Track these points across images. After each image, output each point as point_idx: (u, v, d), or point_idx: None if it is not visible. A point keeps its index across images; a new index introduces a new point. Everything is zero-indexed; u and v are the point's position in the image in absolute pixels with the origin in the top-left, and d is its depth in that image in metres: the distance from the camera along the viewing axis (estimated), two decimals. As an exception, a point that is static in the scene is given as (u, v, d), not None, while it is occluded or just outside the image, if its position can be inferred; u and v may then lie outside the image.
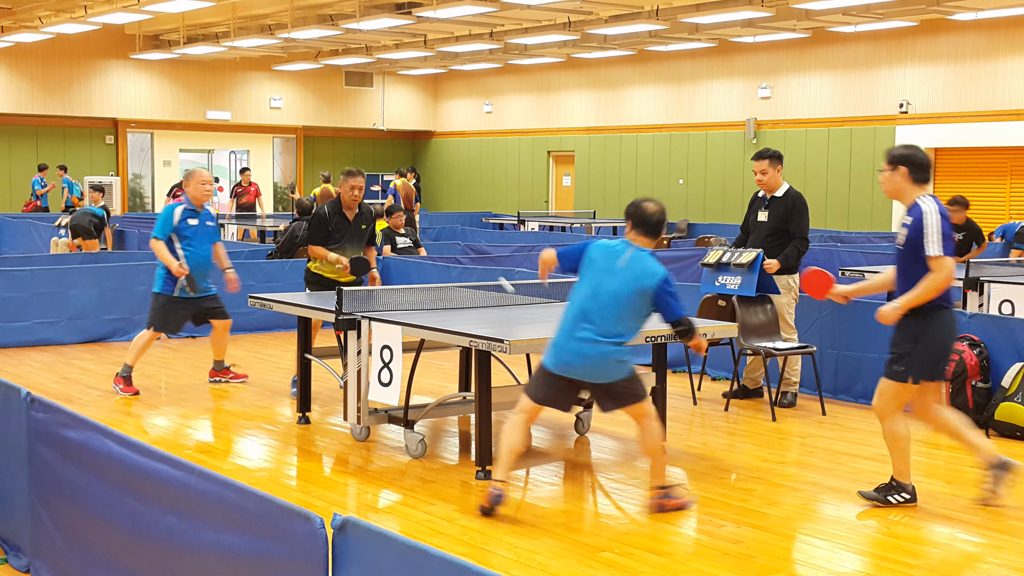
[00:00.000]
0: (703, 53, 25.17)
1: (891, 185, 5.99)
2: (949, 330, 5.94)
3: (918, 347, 5.85)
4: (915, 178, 5.92)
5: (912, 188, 5.92)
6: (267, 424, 8.07)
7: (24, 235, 19.40)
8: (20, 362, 10.36)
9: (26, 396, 4.89)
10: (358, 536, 3.27)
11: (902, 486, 6.08)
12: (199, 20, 23.37)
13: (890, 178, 5.97)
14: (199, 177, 8.92)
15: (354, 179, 8.61)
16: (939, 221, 5.76)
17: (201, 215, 8.96)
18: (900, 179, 5.93)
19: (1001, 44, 20.55)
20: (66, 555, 4.67)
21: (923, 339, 5.84)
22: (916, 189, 5.93)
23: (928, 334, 5.84)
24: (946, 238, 5.75)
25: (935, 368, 5.92)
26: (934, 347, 5.87)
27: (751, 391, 8.97)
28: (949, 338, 5.96)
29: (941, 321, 5.87)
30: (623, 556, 5.27)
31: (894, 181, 5.96)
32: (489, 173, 31.04)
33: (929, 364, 5.88)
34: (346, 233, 8.73)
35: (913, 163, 5.91)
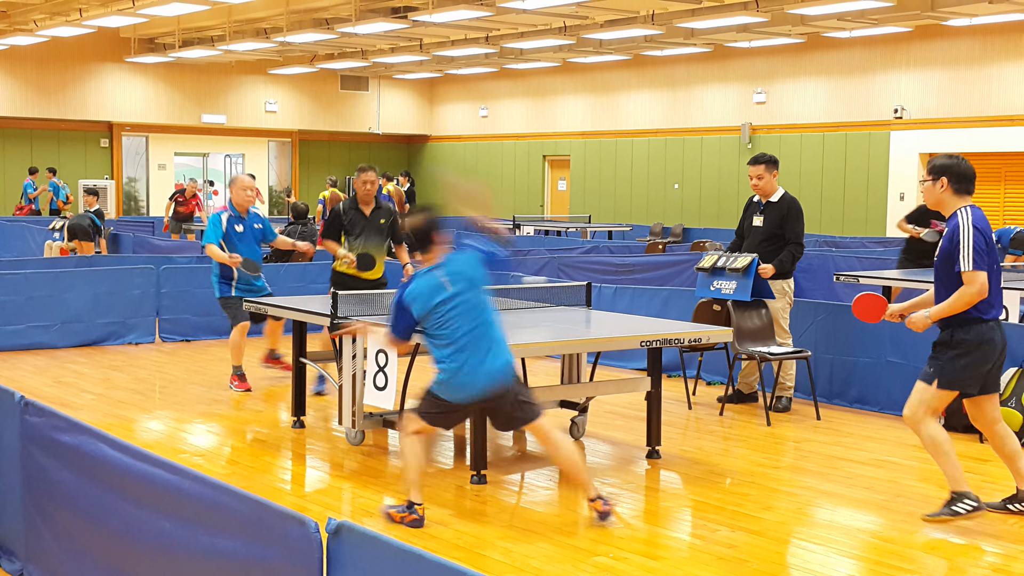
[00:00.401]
0: (699, 58, 25.21)
1: (932, 196, 5.92)
2: (987, 344, 5.78)
3: (950, 355, 5.78)
4: (956, 189, 5.84)
5: (953, 199, 5.85)
6: (262, 428, 8.06)
7: (18, 238, 19.36)
8: (14, 366, 10.34)
9: (20, 400, 4.88)
10: (353, 540, 3.27)
11: (963, 494, 5.80)
12: (194, 24, 23.36)
13: (931, 189, 5.90)
14: (240, 183, 9.23)
15: (365, 174, 8.91)
16: (973, 234, 5.68)
17: (246, 220, 9.20)
18: (941, 190, 5.86)
19: (995, 50, 20.61)
20: (60, 559, 4.66)
21: (956, 348, 5.77)
22: (957, 200, 5.85)
23: (963, 345, 5.76)
24: (978, 252, 5.66)
25: (964, 379, 5.79)
26: (968, 359, 5.75)
27: (746, 395, 8.98)
28: (988, 351, 5.79)
29: (978, 334, 5.75)
30: (618, 560, 5.26)
31: (935, 193, 5.89)
32: (485, 177, 31.03)
33: (959, 371, 5.76)
34: (364, 228, 8.92)
35: (954, 174, 5.83)
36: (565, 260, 14.65)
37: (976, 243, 5.68)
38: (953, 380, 5.79)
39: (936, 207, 5.98)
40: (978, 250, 5.67)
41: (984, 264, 5.69)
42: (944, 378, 5.80)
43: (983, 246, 5.69)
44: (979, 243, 5.68)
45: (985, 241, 5.71)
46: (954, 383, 5.80)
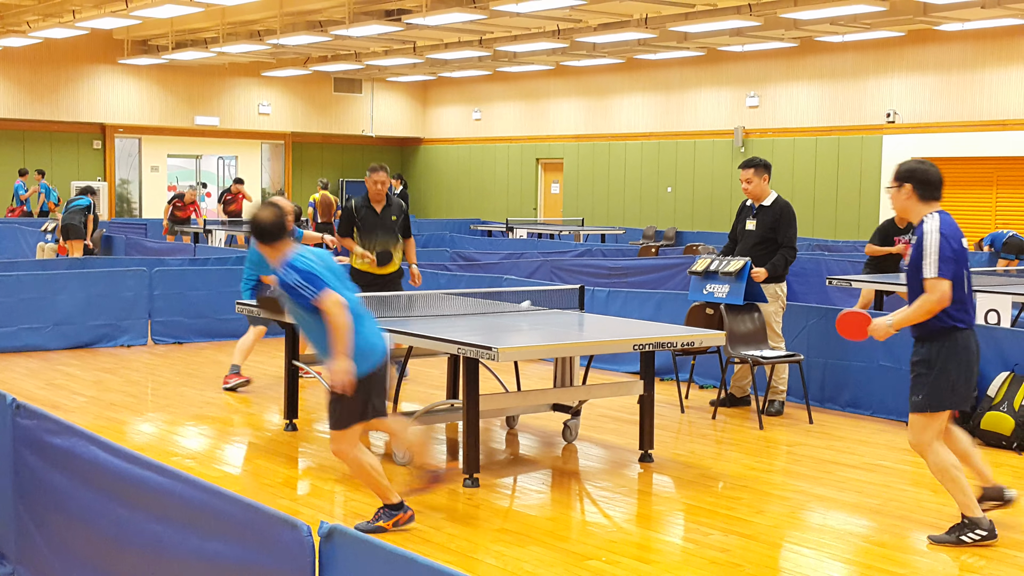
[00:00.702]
0: (692, 62, 25.24)
1: (898, 203, 5.74)
2: (964, 353, 5.60)
3: (933, 373, 5.55)
4: (922, 195, 5.64)
5: (919, 206, 5.66)
6: (254, 431, 8.05)
7: (10, 240, 19.32)
8: (5, 368, 10.31)
9: (12, 402, 4.87)
10: (345, 544, 3.27)
11: (975, 522, 5.59)
12: (188, 26, 23.33)
13: (897, 195, 5.72)
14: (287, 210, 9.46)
15: (376, 174, 9.27)
16: (939, 241, 5.49)
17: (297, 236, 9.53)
18: (906, 196, 5.67)
19: (988, 54, 20.67)
20: (51, 562, 4.64)
21: (937, 364, 5.55)
22: (924, 207, 5.65)
23: (942, 359, 5.55)
24: (943, 259, 5.46)
25: (955, 394, 5.59)
26: (949, 372, 5.55)
27: (738, 399, 8.99)
28: (964, 361, 5.60)
29: (955, 344, 5.57)
30: (610, 564, 5.26)
31: (901, 199, 5.70)
32: (478, 180, 31.06)
33: (947, 390, 5.56)
34: (376, 225, 9.32)
35: (919, 180, 5.64)
36: (558, 263, 14.65)
37: (942, 250, 5.49)
38: (945, 400, 5.58)
39: (903, 214, 5.82)
40: (943, 257, 5.48)
41: (948, 272, 5.49)
42: (939, 400, 5.57)
43: (949, 253, 5.50)
44: (945, 250, 5.50)
45: (952, 248, 5.52)
46: (946, 403, 5.58)
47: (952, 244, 5.53)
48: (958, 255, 5.55)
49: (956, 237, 5.59)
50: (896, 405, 8.48)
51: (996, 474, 7.03)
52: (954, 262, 5.51)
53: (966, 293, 5.62)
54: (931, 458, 5.62)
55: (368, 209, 9.36)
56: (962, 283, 5.59)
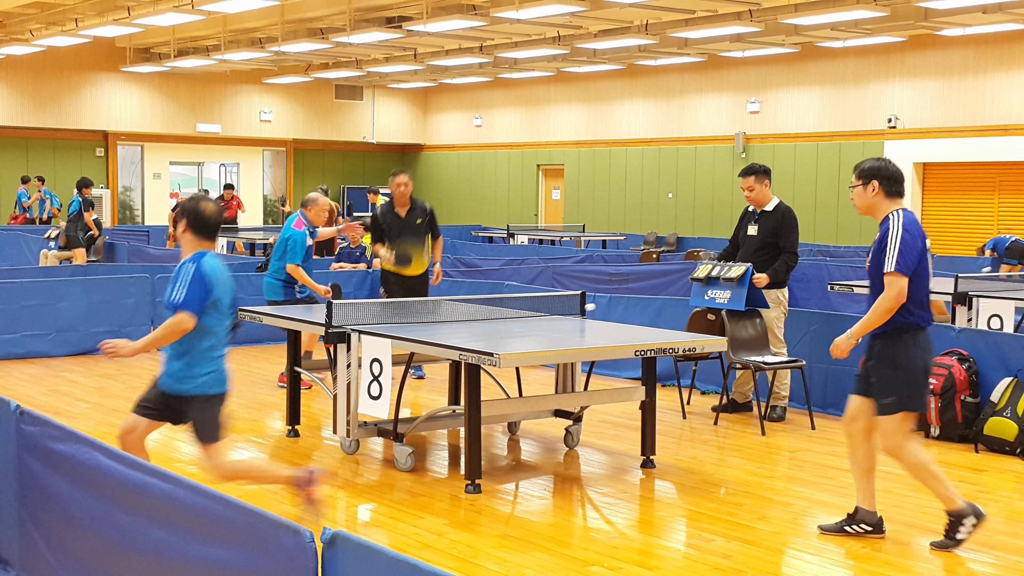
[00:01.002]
0: (692, 68, 25.27)
1: (863, 201, 5.68)
2: (927, 352, 5.58)
3: (898, 374, 5.53)
4: (888, 191, 5.63)
5: (885, 203, 5.64)
6: (256, 437, 8.05)
7: (14, 247, 19.34)
8: (8, 374, 10.32)
9: (15, 409, 4.87)
10: (347, 550, 3.27)
11: (960, 514, 5.60)
12: (190, 33, 23.37)
13: (862, 194, 5.67)
14: (322, 206, 9.65)
15: (397, 177, 9.58)
16: (902, 236, 5.46)
17: (314, 233, 9.72)
18: (872, 194, 5.64)
19: (989, 59, 20.68)
20: (54, 568, 4.65)
21: (898, 363, 5.52)
22: (889, 203, 5.63)
23: (908, 357, 5.52)
24: (904, 255, 5.43)
25: (921, 394, 5.58)
26: (917, 371, 5.54)
27: (740, 405, 8.99)
28: (926, 361, 5.59)
29: (920, 342, 5.55)
30: (612, 570, 5.26)
31: (867, 196, 5.66)
32: (479, 186, 31.08)
33: (916, 390, 5.55)
34: (401, 229, 9.62)
35: (884, 176, 5.63)
36: (559, 269, 14.66)
37: (904, 245, 5.45)
38: (915, 400, 5.55)
39: (868, 212, 5.73)
40: (904, 252, 5.44)
41: (908, 269, 5.45)
42: (908, 402, 5.54)
43: (912, 251, 5.46)
44: (908, 247, 5.46)
45: (916, 247, 5.47)
46: (916, 403, 5.56)
47: (916, 243, 5.50)
48: (922, 255, 5.52)
49: (919, 236, 5.55)
50: (898, 410, 8.47)
51: (998, 480, 7.05)
52: (915, 261, 5.48)
53: (921, 294, 5.57)
54: (907, 459, 5.61)
55: (392, 214, 9.70)
56: (924, 283, 5.59)
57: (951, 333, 8.32)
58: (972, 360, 8.03)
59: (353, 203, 31.27)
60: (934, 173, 21.90)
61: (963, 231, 21.42)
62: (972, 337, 8.21)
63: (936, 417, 7.99)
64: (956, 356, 8.06)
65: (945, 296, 9.86)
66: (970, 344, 8.16)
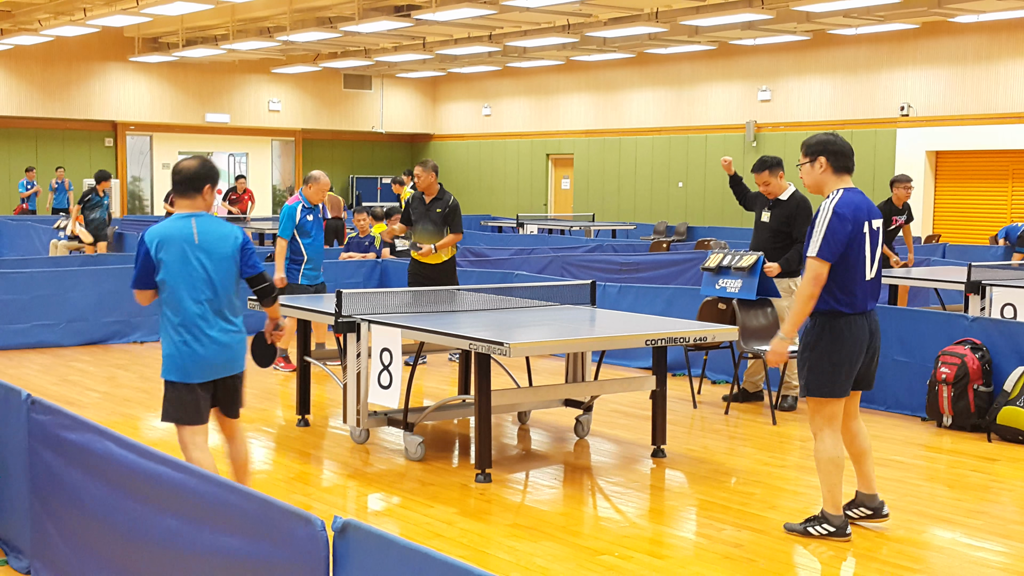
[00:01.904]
0: (703, 56, 25.18)
1: (811, 178, 5.48)
2: (849, 339, 5.37)
3: (813, 357, 5.42)
4: (835, 167, 5.44)
5: (833, 179, 5.46)
6: (266, 426, 8.06)
7: (23, 237, 19.38)
8: (19, 364, 10.34)
9: (27, 398, 4.88)
10: (359, 539, 3.26)
11: (828, 518, 5.53)
12: (198, 23, 23.36)
13: (810, 170, 5.49)
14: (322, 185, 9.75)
15: (422, 167, 9.90)
16: (829, 220, 5.27)
17: (315, 210, 9.79)
18: (820, 170, 5.46)
19: (1002, 46, 20.56)
20: (66, 556, 4.65)
21: (818, 347, 5.41)
22: (837, 180, 5.46)
23: (824, 342, 5.40)
24: (829, 240, 5.24)
25: (835, 381, 5.40)
26: (830, 356, 5.39)
27: (751, 394, 8.96)
28: (848, 347, 5.38)
29: (837, 329, 5.37)
30: (623, 559, 5.25)
31: (814, 173, 5.47)
32: (488, 176, 31.05)
33: (827, 375, 5.39)
34: (420, 216, 9.88)
35: (832, 151, 5.44)
36: (569, 259, 14.63)
37: (829, 230, 5.26)
38: (824, 386, 5.41)
39: (816, 189, 5.54)
40: (828, 238, 5.25)
41: (829, 254, 5.25)
42: (815, 386, 5.42)
43: (836, 234, 5.26)
44: (832, 230, 5.26)
45: (845, 231, 5.27)
46: (825, 389, 5.41)
47: (845, 226, 5.28)
48: (851, 240, 5.30)
49: (851, 220, 5.31)
50: (910, 400, 8.45)
51: (1011, 469, 7.03)
52: (842, 244, 5.27)
53: (859, 277, 5.37)
54: (817, 444, 5.50)
55: (419, 201, 9.98)
56: (856, 266, 5.36)
57: (964, 322, 8.28)
58: (985, 349, 7.99)
59: (362, 193, 31.27)
60: (947, 161, 21.80)
61: (976, 219, 21.33)
62: (985, 326, 8.17)
63: (949, 406, 7.96)
64: (969, 345, 8.02)
65: (958, 285, 9.82)
66: (983, 333, 8.12)
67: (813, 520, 5.59)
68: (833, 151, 5.46)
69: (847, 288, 5.36)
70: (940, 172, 21.89)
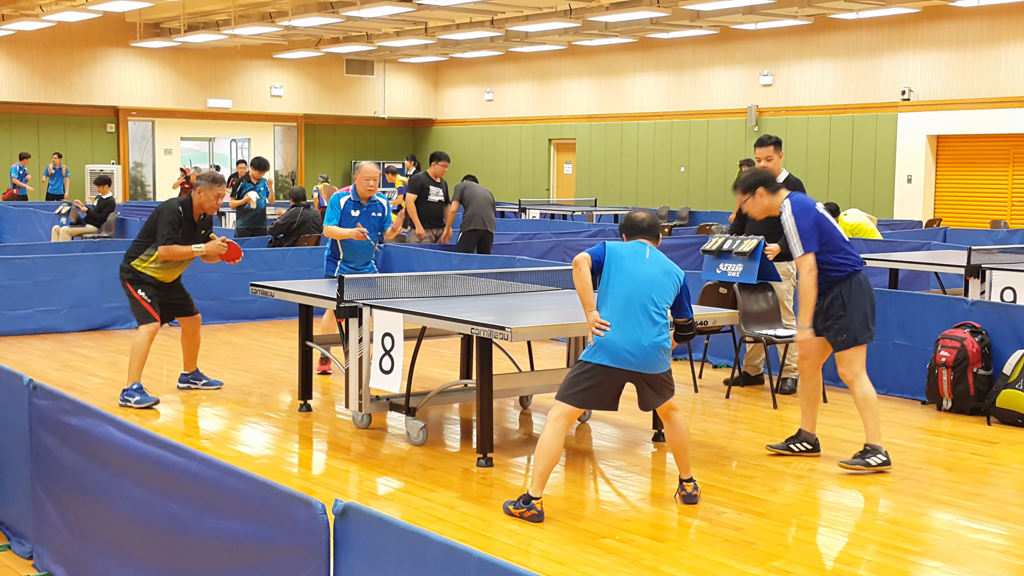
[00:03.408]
0: (704, 40, 25.13)
1: (758, 207, 6.60)
2: (868, 289, 6.44)
3: (848, 313, 6.36)
4: (771, 190, 6.56)
5: (774, 199, 6.55)
6: (268, 411, 8.08)
7: (26, 223, 19.40)
8: (21, 350, 10.37)
9: (28, 383, 4.90)
10: (359, 522, 3.28)
11: (875, 448, 6.45)
12: (200, 8, 23.33)
13: (754, 203, 6.60)
14: (364, 173, 9.10)
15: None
16: (793, 223, 6.35)
17: (364, 207, 9.06)
18: (761, 198, 6.58)
19: (1003, 31, 20.51)
20: (68, 541, 4.68)
21: (850, 304, 6.36)
22: (775, 198, 6.55)
23: (853, 298, 6.36)
24: (803, 236, 6.31)
25: (868, 327, 6.41)
26: (862, 307, 6.38)
27: (752, 378, 8.98)
28: (869, 296, 6.43)
29: (859, 283, 6.39)
30: (624, 543, 5.28)
31: (760, 204, 6.59)
32: (490, 161, 31.03)
33: (863, 324, 6.38)
34: None
35: (764, 180, 6.58)
36: (571, 244, 14.64)
37: (799, 229, 6.33)
38: (865, 333, 6.39)
39: (768, 213, 6.60)
40: (801, 235, 6.33)
41: (810, 246, 6.31)
42: (860, 335, 6.37)
43: (806, 229, 6.32)
44: (801, 228, 6.33)
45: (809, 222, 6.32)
46: (866, 335, 6.40)
47: (806, 220, 6.34)
48: (817, 222, 6.37)
49: (808, 212, 6.39)
50: (911, 384, 8.46)
51: (1011, 452, 7.06)
52: (814, 231, 6.34)
53: (842, 240, 6.46)
54: (860, 387, 6.43)
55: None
56: (835, 238, 6.43)
57: (964, 305, 8.29)
58: (985, 332, 8.00)
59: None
60: (948, 145, 21.77)
61: (977, 203, 21.32)
62: (985, 309, 8.18)
63: (948, 390, 7.98)
64: (969, 329, 8.03)
65: (958, 269, 9.82)
66: (983, 317, 8.13)
67: (864, 454, 6.45)
68: (762, 180, 6.61)
69: (843, 251, 6.45)
70: (941, 156, 21.86)
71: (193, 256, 8.17)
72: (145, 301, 8.13)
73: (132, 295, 8.16)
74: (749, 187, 6.62)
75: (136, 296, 8.14)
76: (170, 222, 8.06)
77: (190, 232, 8.16)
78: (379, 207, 9.13)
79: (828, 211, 12.19)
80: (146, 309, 8.12)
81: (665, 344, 5.65)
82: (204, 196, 8.16)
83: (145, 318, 8.13)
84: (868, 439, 6.48)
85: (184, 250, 8.09)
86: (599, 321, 5.58)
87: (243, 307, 12.18)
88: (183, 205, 8.18)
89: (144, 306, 8.13)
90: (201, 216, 8.25)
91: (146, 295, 8.12)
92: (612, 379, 5.63)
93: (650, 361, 5.60)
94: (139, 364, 8.13)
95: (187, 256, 8.14)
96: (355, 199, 9.08)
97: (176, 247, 8.06)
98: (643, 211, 6.11)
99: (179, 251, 8.08)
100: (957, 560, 5.16)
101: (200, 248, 8.15)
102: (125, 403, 8.07)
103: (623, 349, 5.54)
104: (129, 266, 8.22)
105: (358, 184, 9.08)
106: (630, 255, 5.77)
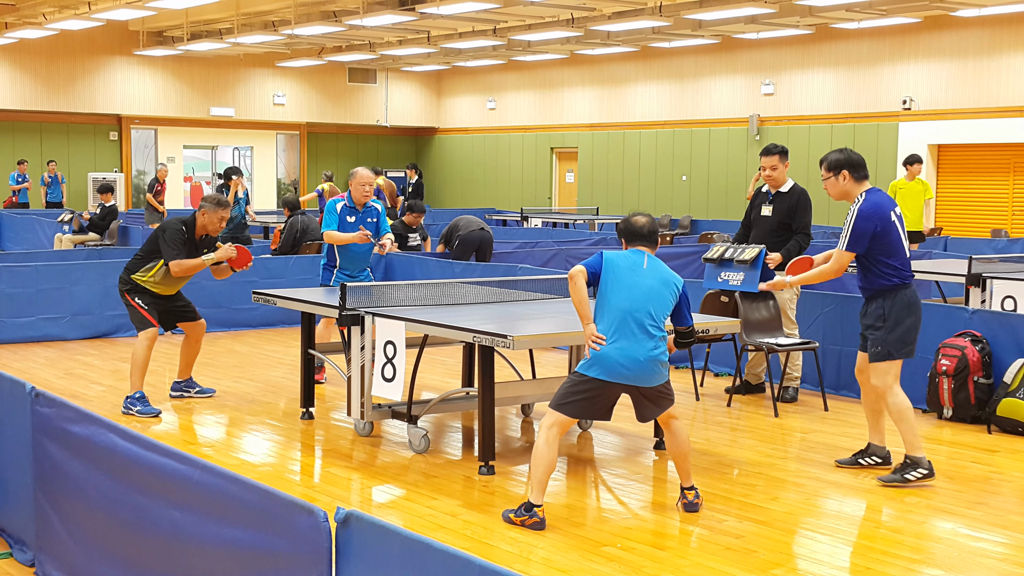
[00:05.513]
0: (706, 49, 25.16)
1: (837, 189, 6.54)
2: (914, 306, 6.43)
3: (887, 326, 6.38)
4: (856, 177, 6.51)
5: (856, 186, 6.51)
6: (271, 419, 8.10)
7: (28, 231, 19.43)
8: (24, 357, 10.39)
9: (31, 391, 4.91)
10: (361, 530, 3.29)
11: (916, 461, 6.38)
12: (203, 16, 23.38)
13: (834, 183, 6.53)
14: (358, 179, 9.06)
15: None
16: (855, 222, 6.34)
17: (360, 213, 9.01)
18: (844, 181, 6.51)
19: (1004, 40, 20.54)
20: (71, 549, 4.69)
21: (891, 318, 6.37)
22: (858, 186, 6.51)
23: (895, 312, 6.36)
24: (854, 237, 6.34)
25: (907, 343, 6.41)
26: (903, 323, 6.39)
27: (753, 387, 8.99)
28: (916, 313, 6.43)
29: (905, 299, 6.39)
30: (625, 551, 5.29)
31: (839, 185, 6.52)
32: (492, 170, 31.05)
33: (901, 339, 6.38)
34: None
35: (851, 164, 6.50)
36: (573, 252, 14.66)
37: (856, 228, 6.34)
38: (902, 348, 6.40)
39: (842, 198, 6.57)
40: (854, 235, 6.34)
41: (856, 247, 6.36)
42: (895, 349, 6.38)
43: (865, 231, 6.32)
44: (858, 229, 6.34)
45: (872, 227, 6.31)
46: (904, 350, 6.40)
47: (871, 224, 6.33)
48: (882, 228, 6.34)
49: (879, 216, 6.36)
50: (911, 392, 8.42)
51: (1011, 461, 7.06)
52: (868, 238, 6.33)
53: (902, 252, 6.44)
54: (894, 399, 6.43)
55: None
56: (896, 248, 6.40)
57: (964, 314, 8.30)
58: (985, 341, 8.01)
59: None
60: (949, 154, 21.78)
61: (978, 212, 21.32)
62: (986, 318, 8.19)
63: (949, 398, 7.98)
64: (969, 337, 8.04)
65: (959, 278, 9.83)
66: (984, 325, 8.14)
67: (904, 468, 6.40)
68: (850, 165, 6.52)
69: (902, 263, 6.44)
70: (942, 165, 21.87)
71: (204, 267, 8.22)
72: (142, 308, 8.16)
73: (130, 303, 8.19)
74: (833, 166, 6.53)
75: (133, 303, 8.18)
76: (175, 240, 8.10)
77: (191, 252, 8.20)
78: (374, 212, 9.12)
79: None
80: (143, 315, 8.16)
81: (662, 357, 5.66)
82: (208, 218, 8.21)
83: (143, 324, 8.16)
84: (908, 451, 6.41)
85: (195, 262, 8.14)
86: (595, 335, 5.60)
87: (246, 315, 12.20)
88: (186, 224, 8.22)
89: (141, 312, 8.16)
90: (203, 237, 8.29)
91: (143, 302, 8.16)
92: (606, 392, 5.66)
93: (646, 375, 5.63)
94: (140, 371, 8.16)
95: (198, 268, 8.18)
96: (350, 204, 9.06)
97: (186, 260, 8.11)
98: (643, 215, 6.09)
99: (190, 264, 8.12)
100: (958, 569, 5.17)
101: (210, 257, 8.20)
102: (128, 411, 8.09)
103: (618, 363, 5.56)
104: (128, 278, 8.25)
105: (353, 190, 9.06)
106: (628, 266, 5.75)
